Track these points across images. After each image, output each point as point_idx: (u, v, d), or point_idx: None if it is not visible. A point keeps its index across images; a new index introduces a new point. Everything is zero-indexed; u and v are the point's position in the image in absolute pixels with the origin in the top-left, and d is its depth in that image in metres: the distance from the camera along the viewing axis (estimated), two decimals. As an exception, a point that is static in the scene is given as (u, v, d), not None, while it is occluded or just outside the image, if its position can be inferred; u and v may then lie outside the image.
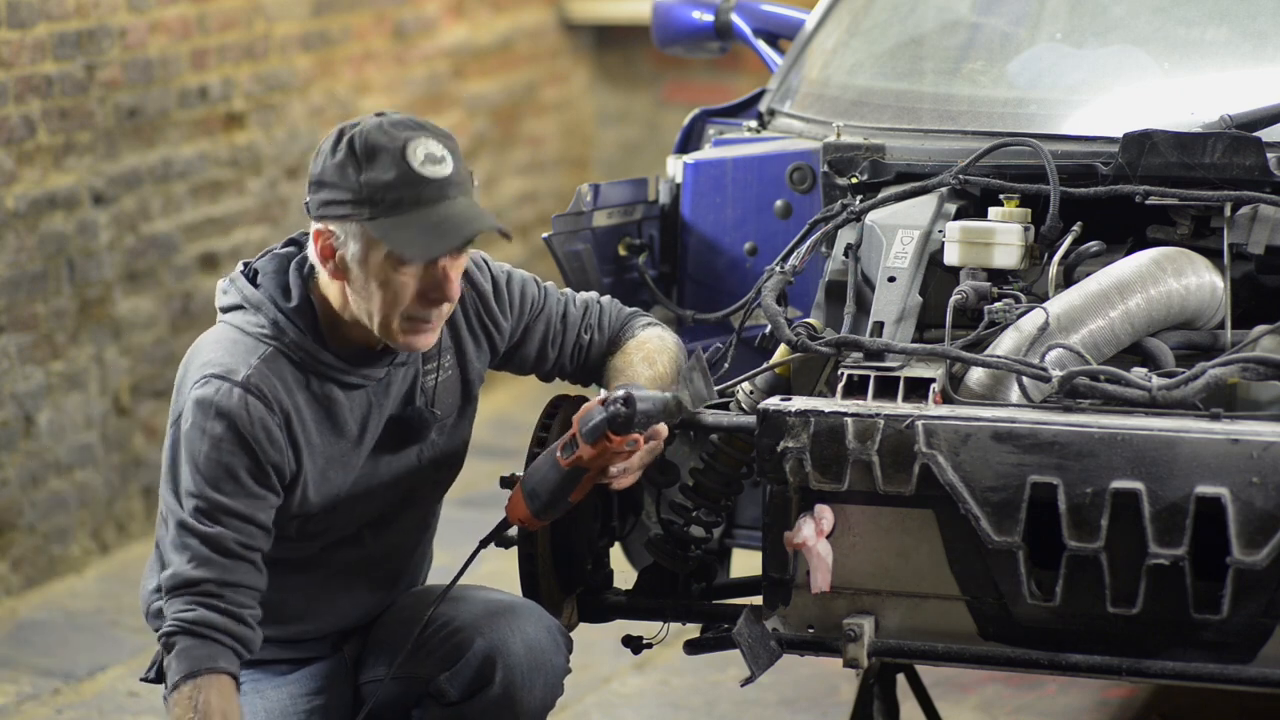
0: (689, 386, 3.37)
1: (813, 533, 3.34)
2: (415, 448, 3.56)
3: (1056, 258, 3.63)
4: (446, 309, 3.42)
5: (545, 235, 4.00)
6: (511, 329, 3.69)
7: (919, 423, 3.29)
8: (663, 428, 3.45)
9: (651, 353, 3.66)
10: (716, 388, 3.67)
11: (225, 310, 3.49)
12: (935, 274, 3.70)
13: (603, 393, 3.33)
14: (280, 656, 3.59)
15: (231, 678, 3.33)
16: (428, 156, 3.33)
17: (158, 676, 3.63)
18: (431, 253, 3.32)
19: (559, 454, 3.37)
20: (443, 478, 3.67)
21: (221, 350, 3.41)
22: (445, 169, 3.34)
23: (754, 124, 4.42)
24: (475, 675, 3.45)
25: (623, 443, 3.34)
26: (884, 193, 3.88)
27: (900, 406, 3.33)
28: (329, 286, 3.43)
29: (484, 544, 3.53)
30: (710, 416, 3.58)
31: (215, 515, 3.34)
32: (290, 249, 3.50)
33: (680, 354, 3.74)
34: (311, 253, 3.41)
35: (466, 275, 3.60)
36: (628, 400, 3.32)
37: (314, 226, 3.38)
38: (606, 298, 3.81)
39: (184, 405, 3.39)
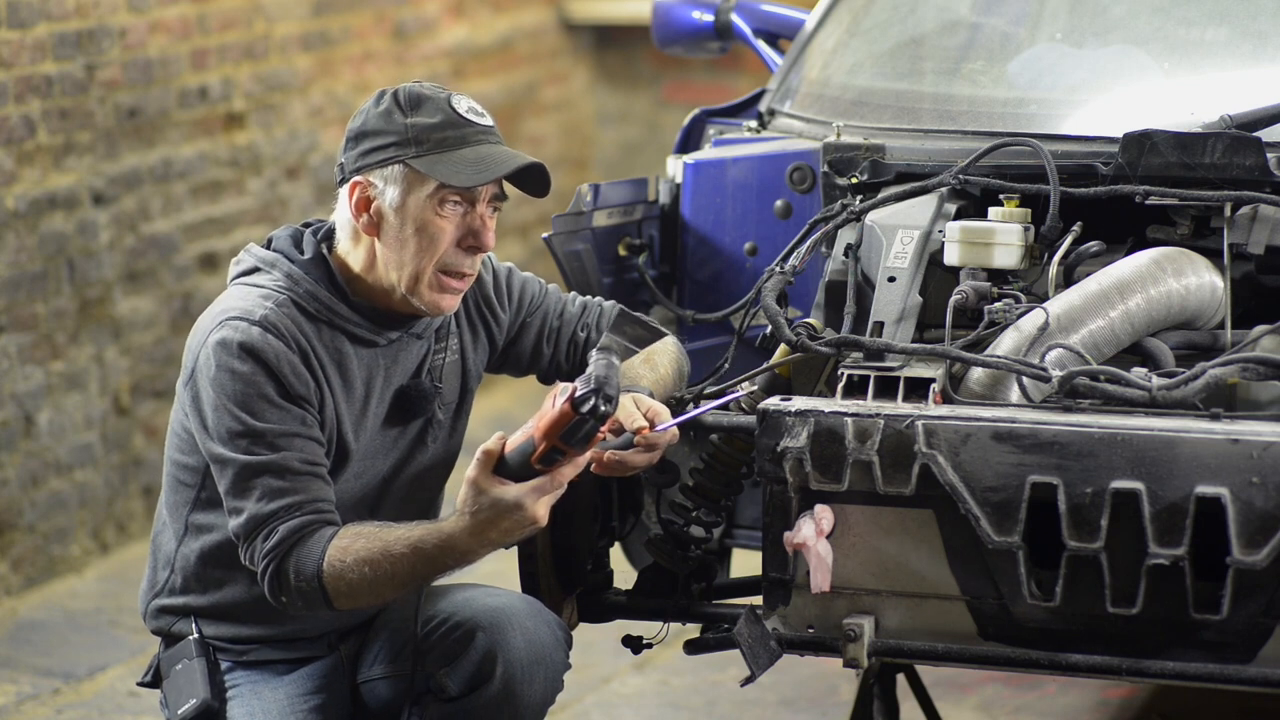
0: (621, 335, 3.31)
1: (813, 533, 3.34)
2: (419, 424, 3.58)
3: (1056, 258, 3.63)
4: (477, 264, 3.50)
5: (545, 235, 4.00)
6: (509, 322, 3.71)
7: (919, 423, 3.29)
8: (674, 432, 3.46)
9: (651, 354, 3.66)
10: (715, 388, 3.67)
11: (236, 278, 3.53)
12: (935, 274, 3.69)
13: (554, 400, 3.26)
14: (278, 657, 3.59)
15: (336, 528, 3.37)
16: (470, 107, 3.49)
17: (154, 680, 3.64)
18: (478, 179, 3.42)
19: (537, 465, 3.26)
20: (439, 476, 3.68)
21: (234, 300, 3.48)
22: (487, 120, 3.50)
23: (754, 124, 4.42)
24: (475, 671, 3.45)
25: (609, 428, 3.32)
26: (884, 193, 3.88)
27: (900, 406, 3.33)
28: (353, 250, 3.50)
29: None
30: (710, 416, 3.58)
31: (270, 441, 3.38)
32: (303, 227, 3.59)
33: (680, 356, 3.75)
34: (345, 212, 3.48)
35: None
36: (607, 398, 3.20)
37: (349, 183, 3.46)
38: (609, 302, 3.83)
39: (200, 356, 3.42)
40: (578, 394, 3.20)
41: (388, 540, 3.33)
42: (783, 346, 3.62)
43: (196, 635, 3.57)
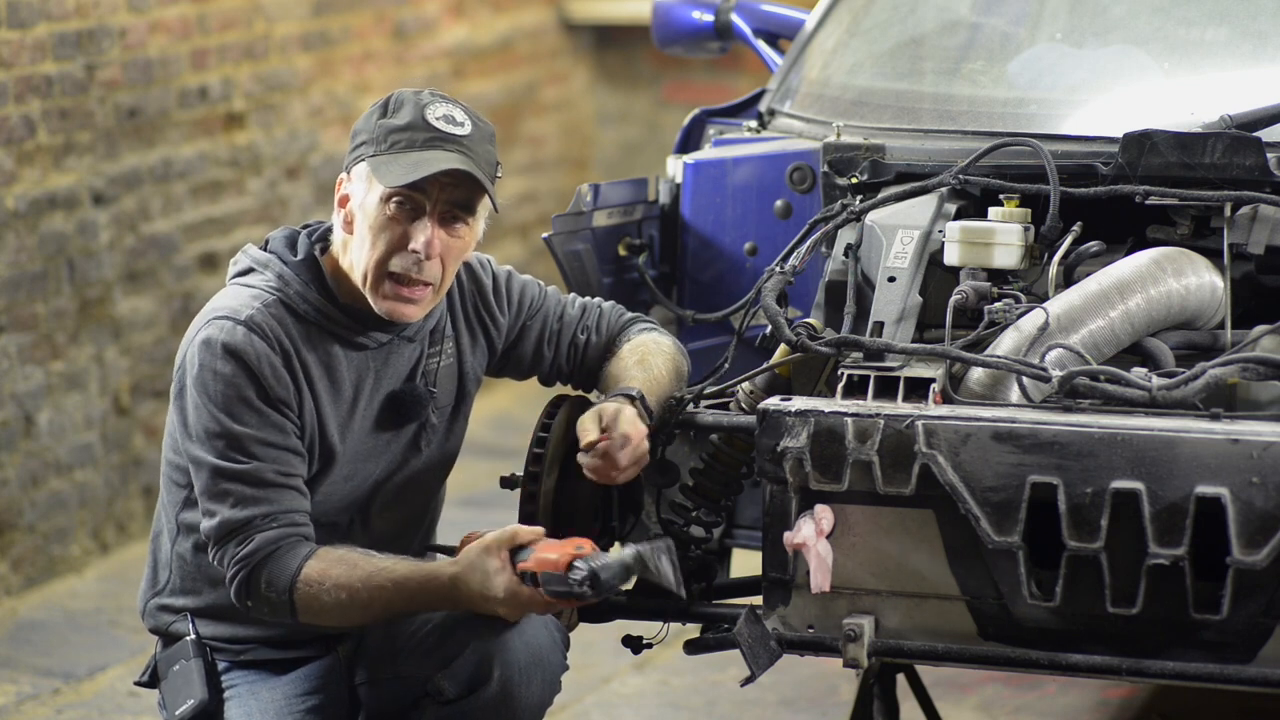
0: (656, 564, 3.35)
1: (813, 533, 3.34)
2: (413, 428, 3.58)
3: (1056, 258, 3.63)
4: (430, 272, 3.46)
5: (545, 235, 4.00)
6: (509, 326, 3.71)
7: (919, 423, 3.28)
8: (642, 428, 3.48)
9: (645, 355, 3.66)
10: (715, 388, 3.67)
11: (233, 278, 3.54)
12: (935, 274, 3.69)
13: (565, 553, 3.34)
14: (275, 657, 3.59)
15: (313, 546, 3.41)
16: (445, 116, 3.46)
17: (151, 680, 3.64)
18: (399, 180, 3.40)
19: (519, 575, 3.36)
20: (434, 479, 3.67)
21: (225, 299, 3.50)
22: (459, 129, 3.45)
23: (754, 124, 4.42)
24: (473, 673, 3.45)
25: (589, 603, 3.40)
26: (884, 193, 3.88)
27: (900, 406, 3.33)
28: (340, 248, 3.52)
29: None
30: (710, 416, 3.58)
31: (246, 448, 3.39)
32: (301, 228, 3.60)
33: (678, 355, 3.74)
34: (335, 210, 3.51)
35: (468, 269, 3.66)
36: (593, 584, 3.31)
37: (339, 178, 3.51)
38: (609, 303, 3.82)
39: (187, 355, 3.44)
40: (575, 564, 3.31)
41: (369, 571, 3.38)
42: (783, 346, 3.62)
43: (194, 635, 3.57)
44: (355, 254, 3.47)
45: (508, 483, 3.62)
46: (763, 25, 4.95)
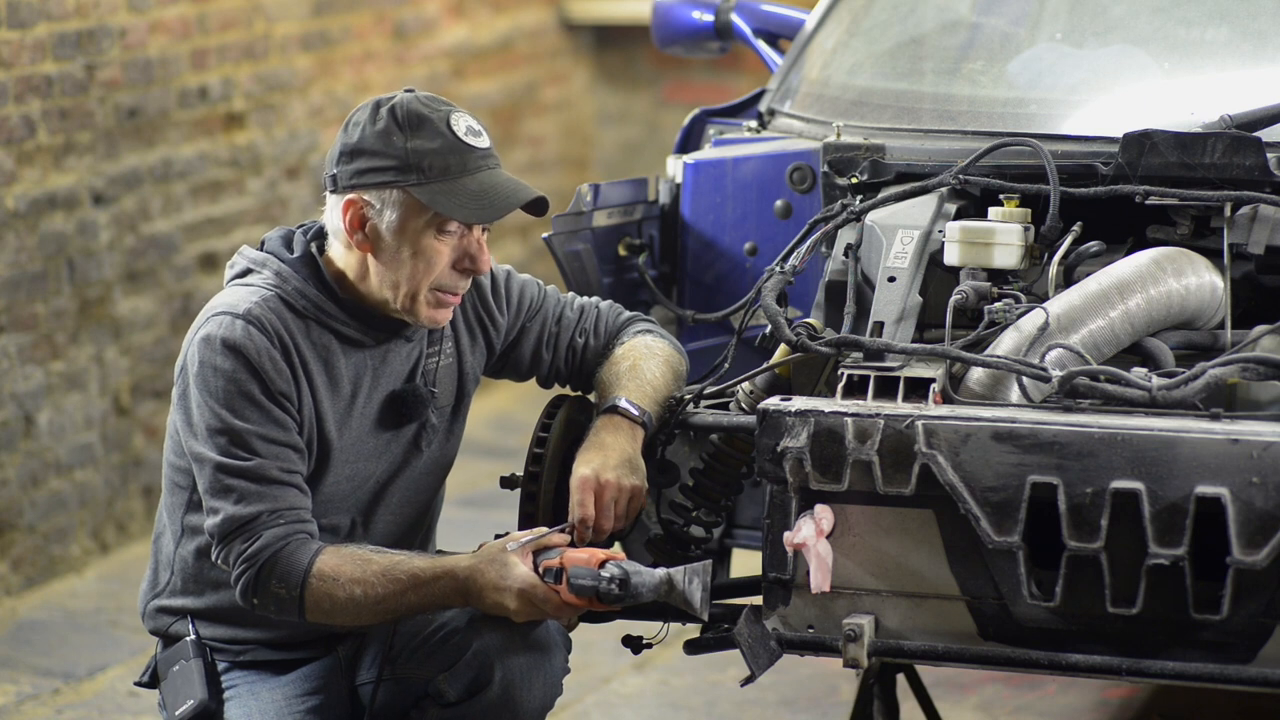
0: (686, 585, 3.35)
1: (813, 533, 3.34)
2: (413, 428, 3.58)
3: (1056, 258, 3.63)
4: (469, 283, 3.51)
5: (545, 235, 4.00)
6: (508, 327, 3.71)
7: (919, 423, 3.28)
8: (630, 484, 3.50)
9: (637, 361, 3.66)
10: (715, 388, 3.67)
11: (231, 280, 3.54)
12: (935, 274, 3.69)
13: (597, 556, 3.36)
14: (274, 658, 3.59)
15: (322, 543, 3.41)
16: (469, 128, 3.45)
17: (152, 680, 3.64)
18: (483, 217, 3.43)
19: (540, 571, 3.37)
20: (435, 479, 3.67)
21: (224, 297, 3.49)
22: (485, 141, 3.47)
23: (754, 124, 4.42)
24: (474, 676, 3.45)
25: (604, 609, 3.39)
26: (884, 193, 3.88)
27: (900, 406, 3.33)
28: (346, 257, 3.50)
29: None
30: (710, 416, 3.58)
31: (248, 444, 3.38)
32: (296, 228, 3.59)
33: (675, 356, 3.73)
34: (337, 223, 3.47)
35: None
36: (622, 585, 3.33)
37: (343, 198, 3.45)
38: (606, 303, 3.82)
39: (188, 353, 3.44)
40: (607, 565, 3.33)
41: (384, 565, 3.37)
42: (783, 346, 3.62)
43: (194, 636, 3.57)
44: (390, 275, 3.45)
45: (508, 483, 3.63)
46: (763, 25, 4.96)
